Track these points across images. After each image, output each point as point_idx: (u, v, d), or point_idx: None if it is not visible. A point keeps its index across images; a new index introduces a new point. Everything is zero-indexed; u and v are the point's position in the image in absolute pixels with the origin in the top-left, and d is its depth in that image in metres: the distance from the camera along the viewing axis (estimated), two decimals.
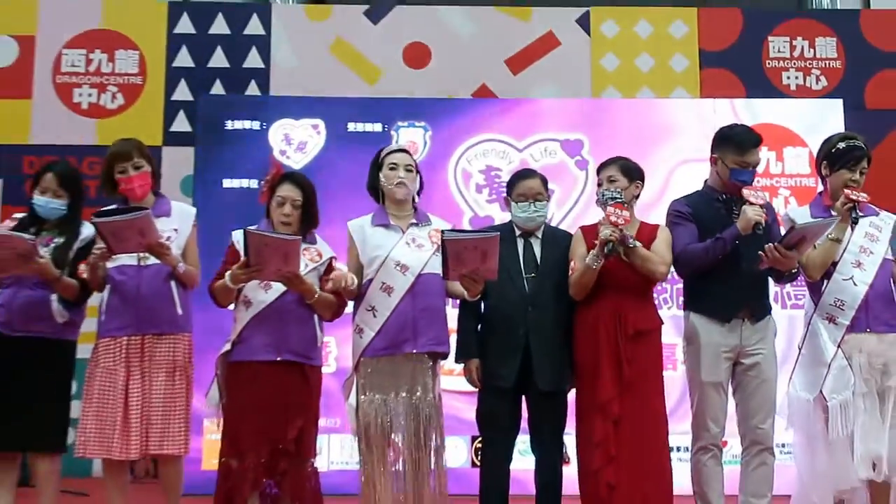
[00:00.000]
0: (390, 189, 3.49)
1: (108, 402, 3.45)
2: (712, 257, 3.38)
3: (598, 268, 3.30)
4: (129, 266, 3.51)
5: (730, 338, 3.43)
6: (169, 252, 3.46)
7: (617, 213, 3.27)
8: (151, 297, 3.51)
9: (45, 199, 3.63)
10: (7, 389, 3.51)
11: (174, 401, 3.51)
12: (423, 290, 3.40)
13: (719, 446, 3.46)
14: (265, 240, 3.19)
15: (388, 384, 3.36)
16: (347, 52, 6.45)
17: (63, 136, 6.23)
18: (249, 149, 5.44)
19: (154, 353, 3.51)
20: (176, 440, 3.49)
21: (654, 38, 6.51)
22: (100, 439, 3.44)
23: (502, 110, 5.71)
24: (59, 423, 3.58)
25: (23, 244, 3.37)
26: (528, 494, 3.56)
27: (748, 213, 3.30)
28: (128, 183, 3.57)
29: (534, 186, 3.55)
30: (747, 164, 3.46)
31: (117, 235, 3.31)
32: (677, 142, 5.41)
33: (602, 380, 3.32)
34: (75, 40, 6.44)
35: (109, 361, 3.49)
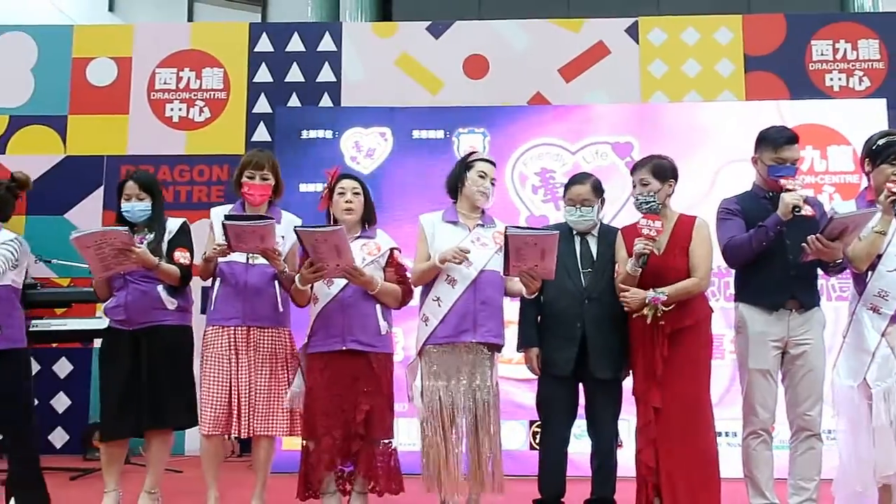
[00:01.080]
0: (473, 193, 3.48)
1: (218, 385, 3.54)
2: (756, 246, 3.28)
3: (637, 275, 3.25)
4: (238, 263, 3.60)
5: (777, 327, 3.33)
6: (279, 257, 3.52)
7: (650, 225, 3.22)
8: (256, 293, 3.60)
9: (131, 204, 3.71)
10: (139, 378, 3.59)
11: (278, 388, 3.58)
12: (485, 284, 3.39)
13: (769, 431, 3.37)
14: (314, 235, 3.22)
15: (449, 371, 3.35)
16: (411, 65, 6.45)
17: (156, 147, 6.36)
18: (323, 156, 5.48)
19: (259, 344, 3.59)
20: (279, 423, 3.57)
21: (700, 45, 6.35)
22: (214, 419, 3.52)
23: (556, 116, 5.65)
24: (187, 401, 3.66)
25: (119, 236, 3.44)
26: (584, 476, 3.51)
27: (786, 198, 3.21)
28: (250, 189, 3.66)
29: (581, 192, 3.51)
30: (784, 161, 3.37)
31: (240, 237, 3.39)
32: (723, 143, 5.27)
33: (637, 373, 3.31)
34: (167, 60, 6.57)
35: (218, 348, 3.58)
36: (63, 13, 10.94)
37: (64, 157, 6.43)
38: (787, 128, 3.49)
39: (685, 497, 3.20)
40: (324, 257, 3.26)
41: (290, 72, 6.50)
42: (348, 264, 3.30)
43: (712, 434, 3.34)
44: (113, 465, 3.70)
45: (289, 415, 3.59)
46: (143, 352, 3.61)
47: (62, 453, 5.90)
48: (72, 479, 4.86)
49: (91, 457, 5.09)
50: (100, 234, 3.43)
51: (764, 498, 3.35)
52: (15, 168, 6.33)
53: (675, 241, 3.36)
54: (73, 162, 6.41)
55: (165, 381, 3.61)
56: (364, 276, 3.37)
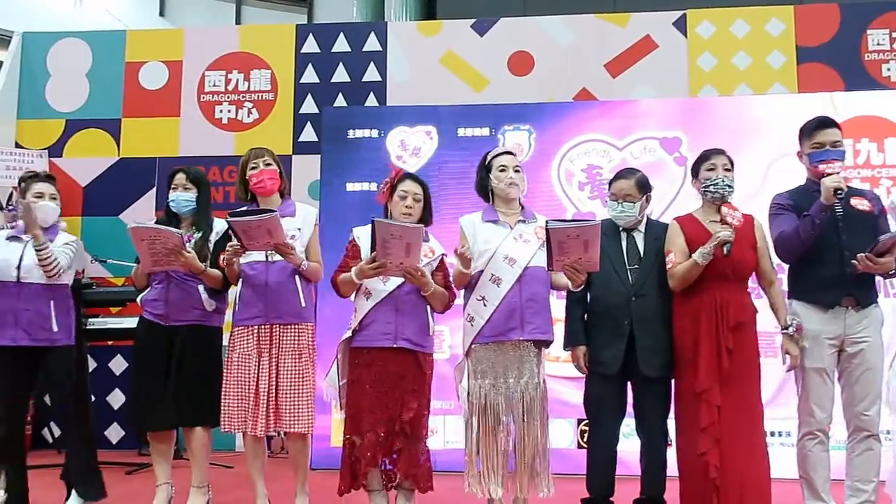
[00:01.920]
0: (503, 189, 3.45)
1: (244, 384, 3.58)
2: (804, 236, 3.21)
3: (706, 264, 3.19)
4: (258, 262, 3.63)
5: (833, 325, 3.25)
6: (293, 251, 3.54)
7: (733, 213, 3.20)
8: (278, 290, 3.61)
9: (177, 193, 3.80)
10: (169, 373, 3.68)
11: (301, 384, 3.59)
12: (530, 281, 3.36)
13: (825, 432, 3.29)
14: (391, 229, 3.19)
15: (497, 369, 3.33)
16: (456, 63, 6.45)
17: (207, 149, 6.47)
18: (369, 155, 5.52)
19: (282, 341, 3.61)
20: (303, 420, 3.58)
21: (750, 37, 6.21)
22: (238, 416, 3.57)
23: (602, 112, 5.58)
24: (211, 399, 3.72)
25: (173, 238, 3.52)
26: (633, 475, 3.47)
27: (826, 181, 3.15)
28: (258, 176, 3.67)
29: (624, 188, 3.47)
30: (821, 145, 3.30)
31: (248, 234, 3.41)
32: (775, 137, 5.14)
33: (703, 369, 3.21)
34: (216, 63, 6.69)
35: (244, 347, 3.62)
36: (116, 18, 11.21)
37: (118, 159, 6.59)
38: (821, 116, 3.43)
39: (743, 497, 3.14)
40: (392, 253, 3.23)
41: (337, 72, 6.56)
42: (412, 265, 3.30)
43: (764, 432, 3.29)
44: (161, 458, 3.78)
45: (313, 411, 3.61)
46: (176, 349, 3.68)
47: (118, 448, 6.06)
48: (127, 473, 4.99)
49: (146, 452, 5.20)
50: (154, 231, 3.53)
51: (820, 500, 3.26)
52: (72, 170, 6.57)
53: (740, 235, 3.29)
54: (126, 164, 6.57)
55: (195, 379, 3.67)
56: (423, 278, 3.36)
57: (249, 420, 3.55)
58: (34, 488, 3.80)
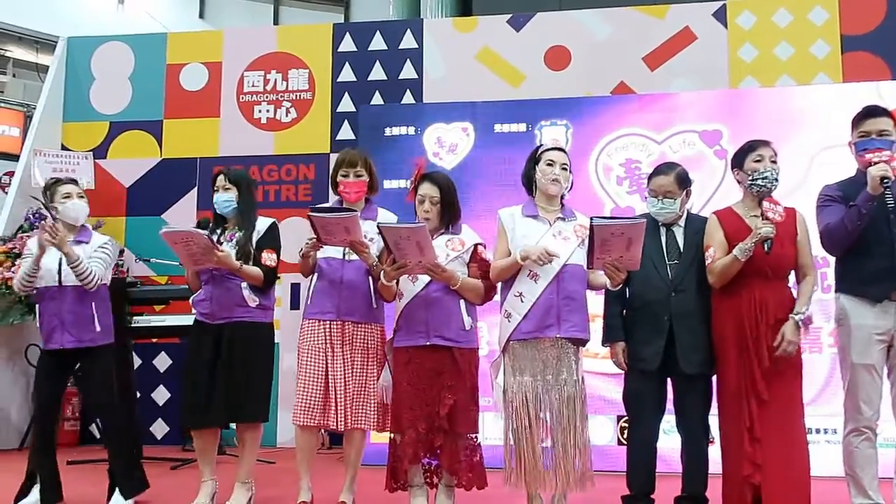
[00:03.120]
0: (544, 184, 3.43)
1: (313, 378, 3.63)
2: (851, 226, 3.13)
3: (745, 259, 3.14)
4: (334, 259, 3.69)
5: (883, 320, 3.16)
6: (367, 250, 3.57)
7: (774, 208, 3.13)
8: (351, 288, 3.67)
9: (217, 195, 3.87)
10: (217, 371, 3.73)
11: (369, 383, 3.65)
12: (568, 278, 3.33)
13: (873, 429, 3.20)
14: (397, 231, 3.24)
15: (535, 366, 3.31)
16: (493, 59, 6.44)
17: (246, 148, 6.56)
18: (406, 152, 5.53)
19: (353, 338, 3.67)
20: (369, 417, 3.63)
21: (793, 26, 6.09)
22: (306, 410, 3.61)
23: (641, 105, 5.52)
24: (262, 395, 3.77)
25: (201, 239, 3.58)
26: (674, 472, 3.43)
27: (872, 171, 3.07)
28: (346, 187, 3.75)
29: (664, 184, 3.43)
30: (867, 133, 3.23)
31: (326, 229, 3.47)
32: (819, 128, 5.04)
33: (745, 367, 3.16)
34: (254, 63, 6.77)
35: (313, 341, 3.67)
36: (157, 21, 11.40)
37: (160, 160, 6.71)
38: (870, 104, 3.34)
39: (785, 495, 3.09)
40: (406, 254, 3.29)
41: (374, 70, 6.60)
42: (429, 261, 3.32)
43: (805, 429, 3.23)
44: (206, 454, 3.84)
45: (380, 409, 3.65)
46: (223, 345, 3.73)
47: (163, 444, 6.18)
48: (172, 468, 5.08)
49: (190, 447, 5.29)
50: (185, 234, 3.58)
51: (868, 498, 3.18)
52: (115, 172, 6.70)
53: (782, 230, 3.22)
54: (168, 164, 6.69)
55: (242, 375, 3.72)
56: (445, 273, 3.39)
57: (318, 413, 3.60)
58: (80, 482, 3.90)
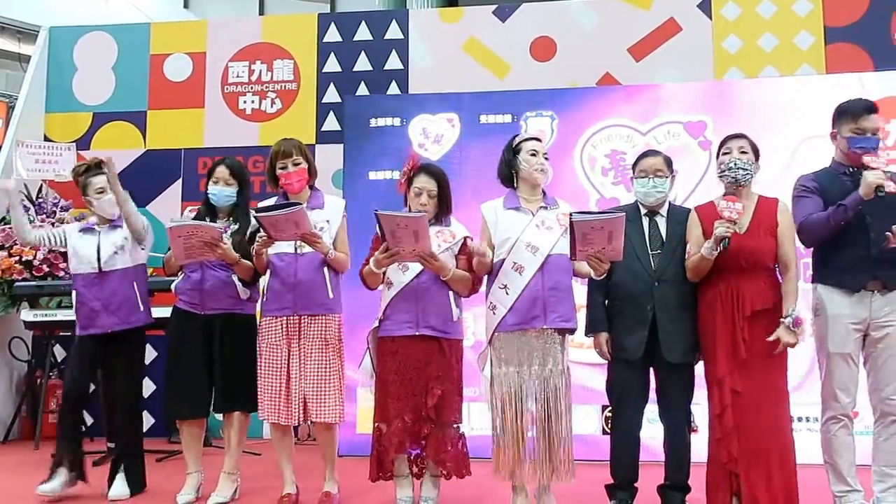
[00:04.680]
0: (531, 174, 3.45)
1: (273, 374, 3.65)
2: (834, 225, 3.18)
3: (713, 258, 3.18)
4: (287, 254, 3.68)
5: (858, 309, 3.22)
6: (320, 240, 3.58)
7: (730, 206, 3.15)
8: (306, 281, 3.66)
9: (218, 188, 3.86)
10: (206, 360, 3.77)
11: (328, 374, 3.65)
12: (552, 269, 3.37)
13: (849, 416, 3.26)
14: (395, 220, 3.26)
15: (520, 357, 3.35)
16: (478, 49, 6.43)
17: (231, 139, 6.52)
18: (392, 143, 5.53)
19: (309, 331, 3.66)
20: (331, 409, 3.64)
21: (777, 18, 6.11)
22: (269, 405, 3.64)
23: (626, 96, 5.55)
24: (250, 385, 3.78)
25: (211, 232, 3.59)
26: (657, 461, 3.47)
27: (868, 177, 3.09)
28: (287, 178, 3.73)
29: (654, 163, 3.46)
30: (863, 131, 3.26)
31: (275, 226, 3.47)
32: (802, 119, 5.08)
33: (719, 357, 3.21)
34: (239, 54, 6.73)
35: (272, 338, 3.67)
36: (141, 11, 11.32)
37: (144, 151, 6.67)
38: (864, 98, 3.36)
39: (764, 484, 3.13)
40: (401, 242, 3.30)
41: (359, 61, 6.57)
42: (424, 250, 3.34)
43: (789, 420, 3.27)
44: (193, 445, 3.86)
45: (342, 401, 3.66)
46: (216, 336, 3.75)
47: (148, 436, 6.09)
48: (157, 460, 5.08)
49: (175, 439, 5.28)
50: (194, 227, 3.59)
51: (846, 485, 3.25)
52: None
53: (758, 222, 3.28)
54: (152, 156, 6.65)
55: (236, 365, 3.75)
56: (438, 262, 3.40)
57: (281, 410, 3.62)
58: None
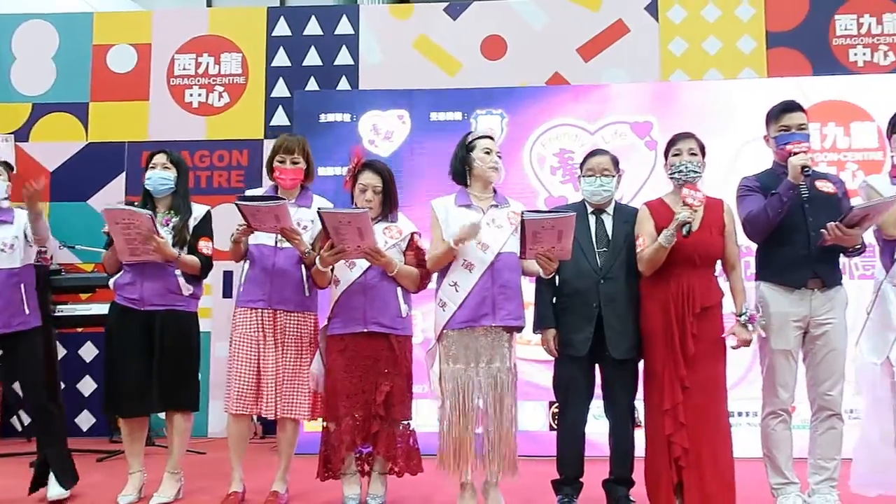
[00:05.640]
0: (485, 171, 3.46)
1: (244, 365, 3.58)
2: (772, 213, 3.25)
3: (671, 246, 3.22)
4: (266, 246, 3.64)
5: (799, 307, 3.30)
6: (298, 237, 3.53)
7: (693, 194, 3.21)
8: (283, 276, 3.62)
9: (155, 172, 3.75)
10: (147, 359, 3.66)
11: (302, 372, 3.61)
12: (502, 267, 3.39)
13: (788, 412, 3.36)
14: (338, 217, 3.24)
15: (468, 355, 3.36)
16: (429, 46, 6.43)
17: (177, 133, 6.40)
18: (342, 139, 5.51)
19: (285, 327, 3.62)
20: (301, 407, 3.60)
21: (721, 22, 6.26)
22: (239, 398, 3.57)
23: (574, 96, 5.61)
24: (195, 384, 3.73)
25: (144, 220, 3.48)
26: (602, 456, 3.52)
27: (793, 160, 3.20)
28: (282, 173, 3.69)
29: (602, 162, 3.50)
30: (788, 128, 3.35)
31: (255, 217, 3.43)
32: (744, 121, 5.19)
33: (668, 353, 3.26)
34: (186, 46, 6.61)
35: (246, 328, 3.61)
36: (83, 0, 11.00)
37: (86, 143, 6.51)
38: (787, 100, 3.46)
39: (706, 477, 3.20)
40: (346, 239, 3.29)
41: (309, 55, 6.52)
42: (370, 246, 3.32)
43: (728, 414, 3.34)
44: (135, 445, 3.77)
45: (311, 399, 3.63)
46: (156, 333, 3.66)
47: (89, 436, 6.02)
48: (98, 460, 4.97)
49: (117, 439, 5.18)
50: (128, 213, 3.48)
51: (783, 477, 3.34)
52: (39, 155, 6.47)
53: (709, 220, 3.35)
54: (94, 148, 6.49)
55: (178, 363, 3.67)
56: (384, 258, 3.39)
57: (251, 402, 3.56)
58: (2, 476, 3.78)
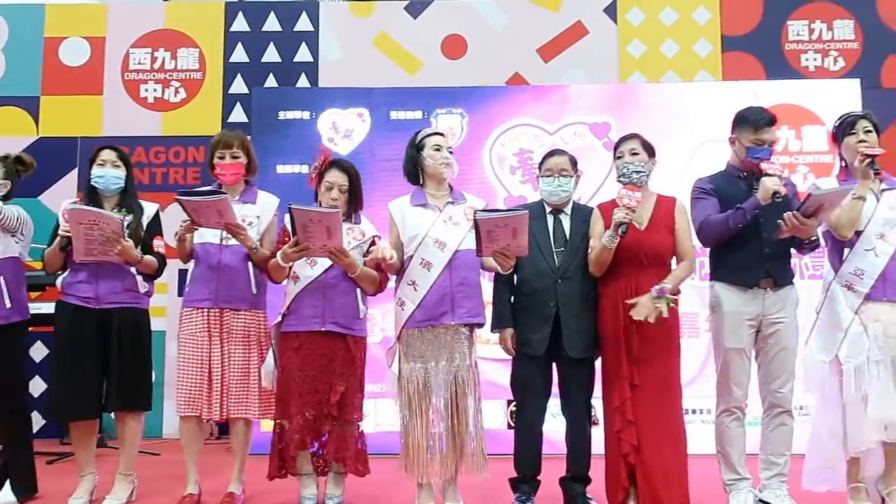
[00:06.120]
0: (437, 169, 3.45)
1: (194, 367, 3.52)
2: (733, 226, 3.31)
3: (613, 247, 3.25)
4: (212, 244, 3.58)
5: (752, 306, 3.36)
6: (244, 233, 3.49)
7: (629, 195, 3.23)
8: (229, 273, 3.57)
9: (105, 170, 3.66)
10: (101, 357, 3.58)
11: (251, 371, 3.56)
12: (460, 265, 3.39)
13: (742, 409, 3.42)
14: (309, 214, 3.21)
15: (428, 353, 3.35)
16: (389, 45, 6.42)
17: (131, 128, 6.29)
18: (300, 137, 5.48)
19: (232, 326, 3.57)
20: (252, 407, 3.56)
21: (678, 25, 6.36)
22: (188, 400, 3.51)
23: (534, 96, 5.65)
24: (145, 384, 3.66)
25: (112, 223, 3.40)
26: (560, 454, 3.55)
27: (766, 182, 3.24)
28: (222, 168, 3.64)
29: (560, 163, 3.52)
30: (762, 142, 3.40)
31: (197, 212, 3.38)
32: (700, 123, 5.30)
33: (618, 351, 3.30)
34: (141, 40, 6.49)
35: (193, 328, 3.56)
36: None
37: (37, 138, 6.35)
38: (766, 109, 3.51)
39: (660, 473, 3.23)
40: (313, 237, 3.25)
41: (267, 52, 6.45)
42: (336, 245, 3.29)
43: (681, 411, 3.38)
44: (86, 447, 3.69)
45: (262, 397, 3.58)
46: (113, 332, 3.58)
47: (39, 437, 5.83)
48: (48, 463, 4.85)
49: (68, 441, 5.05)
50: (95, 215, 3.40)
51: (736, 473, 3.40)
52: None
53: (658, 219, 3.39)
54: (46, 143, 6.33)
55: (136, 361, 3.61)
56: (349, 259, 3.37)
57: (202, 403, 3.50)
58: None
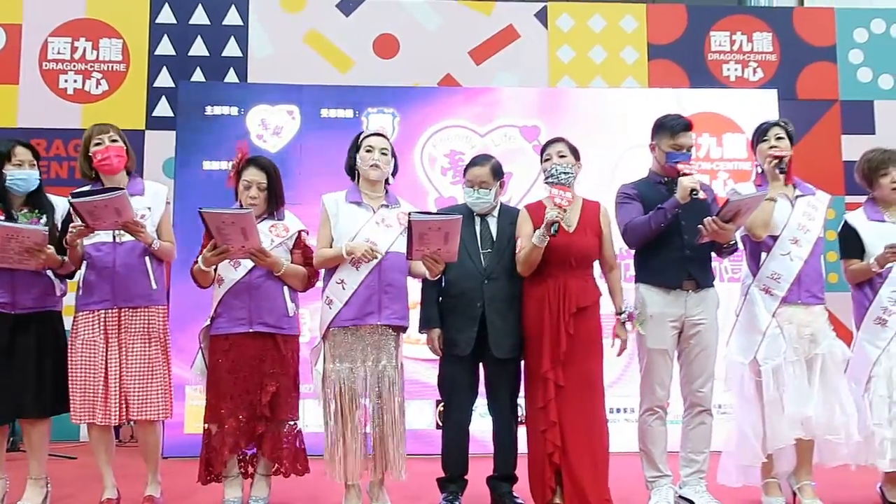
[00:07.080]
0: (365, 169, 3.44)
1: (90, 372, 3.40)
2: (655, 226, 3.40)
3: (544, 246, 3.29)
4: (105, 243, 3.44)
5: (675, 307, 3.45)
6: (143, 230, 3.39)
7: (561, 194, 3.27)
8: (126, 272, 3.44)
9: (25, 171, 3.48)
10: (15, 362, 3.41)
11: (152, 370, 3.45)
12: (389, 266, 3.37)
13: (664, 408, 3.50)
14: (221, 217, 3.14)
15: (354, 353, 3.33)
16: (321, 42, 6.34)
17: (50, 121, 6.06)
18: (228, 133, 5.35)
19: (130, 325, 3.45)
20: (154, 406, 3.45)
21: (606, 32, 6.49)
22: (84, 406, 3.39)
23: (465, 98, 5.67)
24: (53, 388, 3.49)
25: (35, 236, 3.25)
26: (487, 453, 3.56)
27: (684, 181, 3.34)
28: (104, 153, 3.47)
29: (480, 175, 3.54)
30: (680, 147, 3.50)
31: (94, 214, 3.23)
32: (626, 129, 5.41)
33: (545, 352, 3.33)
34: (61, 29, 6.25)
35: (88, 333, 3.43)
36: None
37: None
38: (682, 116, 3.60)
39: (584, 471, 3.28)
40: (230, 239, 3.19)
41: (195, 45, 6.29)
42: (254, 246, 3.24)
43: (604, 411, 3.44)
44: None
45: (167, 397, 3.49)
46: (31, 336, 3.43)
47: None
48: None
49: None
50: (14, 230, 3.24)
51: (658, 470, 3.48)
52: None
53: (585, 222, 3.45)
54: None
55: (54, 367, 3.46)
56: (270, 258, 3.32)
57: (99, 409, 3.37)
58: None
